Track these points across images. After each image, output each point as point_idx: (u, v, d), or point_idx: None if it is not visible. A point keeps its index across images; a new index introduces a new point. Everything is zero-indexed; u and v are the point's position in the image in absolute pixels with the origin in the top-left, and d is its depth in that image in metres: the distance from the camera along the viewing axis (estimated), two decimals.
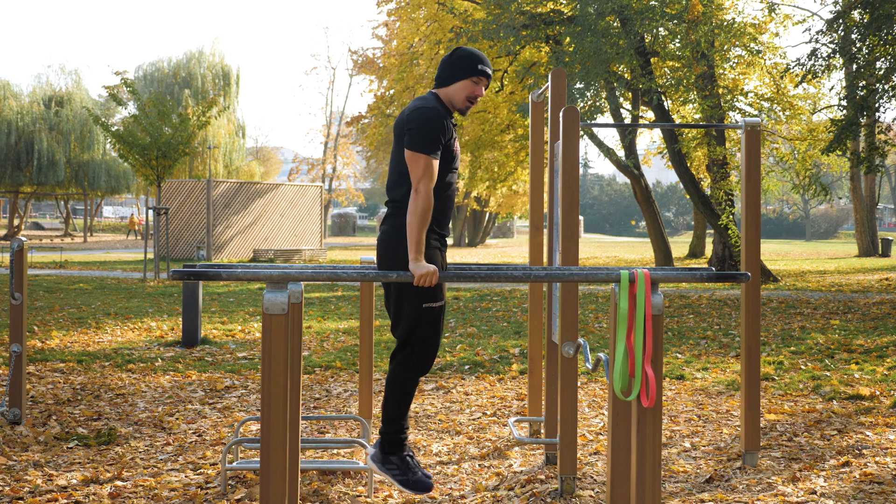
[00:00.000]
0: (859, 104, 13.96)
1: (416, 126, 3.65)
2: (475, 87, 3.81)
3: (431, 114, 3.68)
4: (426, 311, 3.73)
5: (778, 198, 63.17)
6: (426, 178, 3.60)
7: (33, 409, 6.04)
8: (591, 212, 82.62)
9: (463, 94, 3.81)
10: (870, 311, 12.19)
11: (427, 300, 3.73)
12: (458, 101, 3.82)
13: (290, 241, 28.79)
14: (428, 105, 3.72)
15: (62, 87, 42.96)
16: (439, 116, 3.68)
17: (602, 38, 16.08)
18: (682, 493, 4.35)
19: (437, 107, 3.73)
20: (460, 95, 3.81)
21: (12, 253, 5.48)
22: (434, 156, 3.63)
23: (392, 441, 3.82)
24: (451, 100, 3.83)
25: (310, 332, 10.02)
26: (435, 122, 3.66)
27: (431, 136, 3.64)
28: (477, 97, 3.83)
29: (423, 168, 3.60)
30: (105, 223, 60.76)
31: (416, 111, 3.70)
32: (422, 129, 3.64)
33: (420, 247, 3.55)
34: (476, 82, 3.81)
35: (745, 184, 4.90)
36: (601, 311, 12.32)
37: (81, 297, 13.79)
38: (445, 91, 3.82)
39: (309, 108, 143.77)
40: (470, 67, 3.79)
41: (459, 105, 3.82)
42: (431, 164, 3.62)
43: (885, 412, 6.05)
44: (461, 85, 3.80)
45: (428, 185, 3.60)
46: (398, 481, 3.80)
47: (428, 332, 3.76)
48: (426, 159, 3.61)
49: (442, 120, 3.68)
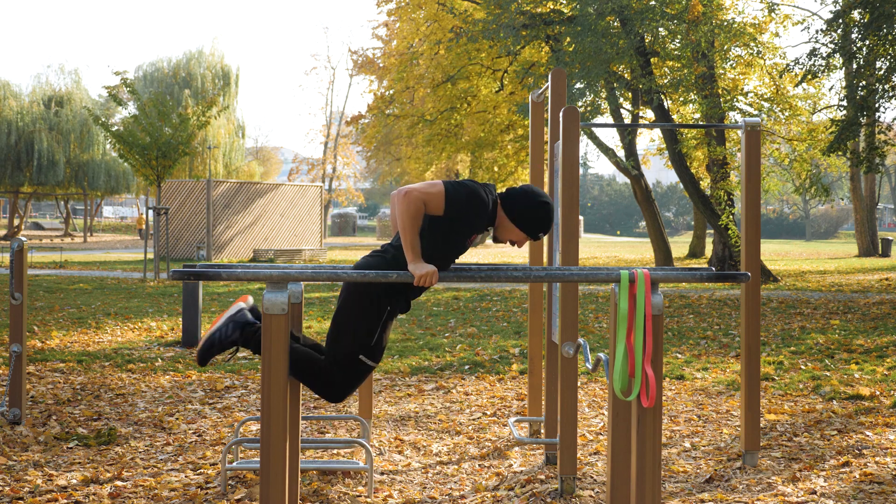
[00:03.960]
0: (859, 104, 13.96)
1: (468, 190, 3.64)
2: (520, 241, 3.83)
3: (485, 203, 3.67)
4: (359, 362, 3.79)
5: (778, 198, 63.18)
6: (424, 196, 3.57)
7: (33, 409, 6.04)
8: (591, 212, 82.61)
9: (512, 237, 3.82)
10: (870, 311, 12.19)
11: (366, 354, 3.78)
12: (502, 234, 3.82)
13: (290, 241, 28.79)
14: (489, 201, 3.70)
15: (62, 87, 42.96)
16: (485, 211, 3.68)
17: (602, 38, 16.08)
18: (682, 493, 4.35)
19: (493, 211, 3.73)
20: (509, 236, 3.82)
21: (12, 253, 5.48)
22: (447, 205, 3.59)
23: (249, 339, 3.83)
24: (499, 226, 3.81)
25: (310, 333, 10.01)
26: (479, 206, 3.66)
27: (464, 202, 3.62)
28: (515, 244, 3.85)
29: (431, 193, 3.57)
30: (105, 223, 60.75)
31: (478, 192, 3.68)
32: (467, 194, 3.63)
33: (416, 247, 3.55)
34: (525, 237, 3.82)
35: (745, 184, 4.90)
36: (601, 311, 12.32)
37: (81, 297, 13.79)
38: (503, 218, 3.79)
39: (309, 108, 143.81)
40: (534, 230, 3.79)
41: (499, 236, 3.83)
42: (437, 200, 3.58)
43: (885, 412, 6.05)
44: (517, 231, 3.80)
45: (419, 196, 3.57)
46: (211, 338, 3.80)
47: (348, 379, 3.81)
48: (442, 193, 3.58)
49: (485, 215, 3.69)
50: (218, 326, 3.83)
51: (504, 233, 3.82)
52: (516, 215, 3.77)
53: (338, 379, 3.81)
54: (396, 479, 4.62)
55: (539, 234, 3.81)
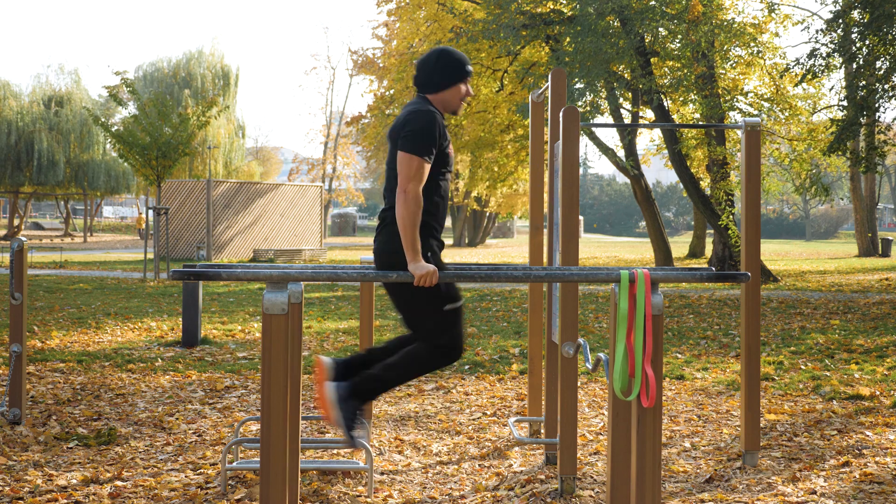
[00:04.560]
0: (859, 104, 13.95)
1: (413, 129, 3.66)
2: (466, 88, 3.87)
3: (428, 117, 3.69)
4: (449, 312, 3.75)
5: (778, 198, 63.16)
6: (416, 180, 3.60)
7: (33, 409, 6.04)
8: (591, 212, 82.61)
9: (458, 97, 3.87)
10: (870, 311, 12.19)
11: (448, 301, 3.74)
12: (454, 104, 3.87)
13: (290, 241, 28.80)
14: (423, 108, 3.73)
15: (62, 87, 42.96)
16: (435, 121, 3.70)
17: (602, 38, 16.08)
18: (682, 493, 4.35)
19: (433, 110, 3.75)
20: (455, 99, 3.86)
21: (12, 253, 5.48)
22: (427, 159, 3.63)
23: (366, 393, 3.79)
24: (445, 104, 3.86)
25: (310, 332, 10.02)
26: (431, 127, 3.67)
27: (427, 140, 3.65)
28: (468, 95, 3.88)
29: (415, 170, 3.60)
30: (105, 223, 60.74)
31: (413, 114, 3.70)
32: (418, 132, 3.65)
33: (416, 247, 3.55)
34: (466, 83, 3.86)
35: (745, 184, 4.90)
36: (601, 311, 12.32)
37: (81, 297, 13.79)
38: (439, 97, 3.84)
39: (309, 108, 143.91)
40: (461, 71, 3.84)
41: (455, 108, 3.87)
42: (423, 168, 3.62)
43: (885, 412, 6.05)
44: (455, 89, 3.85)
45: (417, 187, 3.59)
46: (342, 426, 3.76)
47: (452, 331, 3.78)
48: (419, 161, 3.61)
49: (438, 124, 3.70)
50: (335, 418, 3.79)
51: (451, 104, 3.86)
52: (438, 84, 3.82)
53: (446, 340, 3.79)
54: (396, 479, 4.62)
55: (467, 68, 3.83)
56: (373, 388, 3.80)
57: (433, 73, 3.83)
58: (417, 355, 3.80)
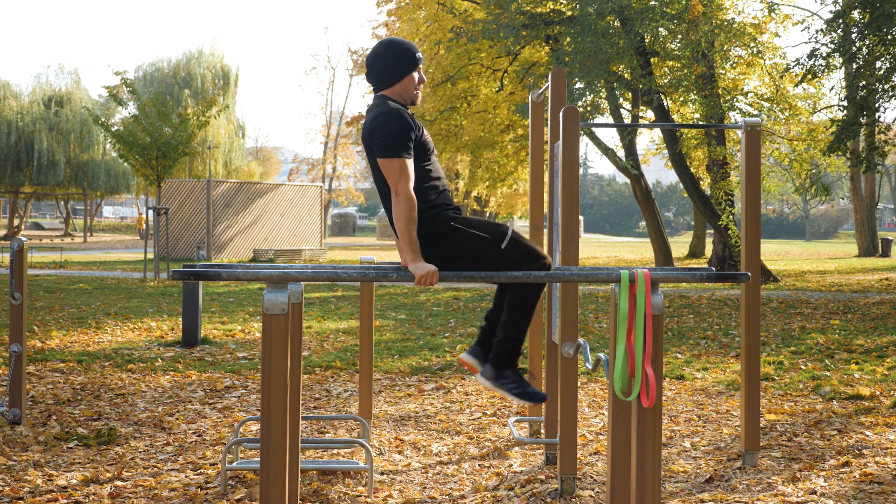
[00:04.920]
0: (859, 104, 13.95)
1: (382, 132, 3.63)
2: (420, 75, 3.82)
3: (394, 116, 3.65)
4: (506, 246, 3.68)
5: (778, 198, 63.16)
6: (403, 179, 3.58)
7: (33, 409, 6.04)
8: (591, 212, 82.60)
9: (412, 85, 3.81)
10: (870, 311, 12.19)
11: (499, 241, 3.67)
12: (410, 94, 3.81)
13: (290, 241, 28.80)
14: (386, 108, 3.70)
15: (62, 87, 42.96)
16: (401, 116, 3.66)
17: (602, 38, 16.08)
18: (682, 493, 4.35)
19: (397, 106, 3.72)
20: (410, 88, 3.81)
21: (12, 253, 5.48)
22: (407, 156, 3.62)
23: (510, 355, 3.77)
24: (403, 95, 3.80)
25: (310, 332, 10.02)
26: (399, 123, 3.64)
27: (400, 139, 3.63)
28: (423, 82, 3.84)
29: (399, 171, 3.59)
30: (105, 223, 60.74)
31: (378, 119, 3.66)
32: (388, 133, 3.62)
33: (414, 247, 3.55)
34: (418, 70, 3.82)
35: (745, 184, 4.90)
36: (601, 311, 12.32)
37: (81, 297, 13.79)
38: (395, 89, 3.79)
39: (309, 108, 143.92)
40: (411, 60, 3.78)
41: (412, 97, 3.82)
42: (406, 166, 3.60)
43: (885, 412, 6.04)
44: (409, 79, 3.80)
45: (406, 185, 3.57)
46: (516, 394, 3.75)
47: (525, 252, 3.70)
48: (399, 162, 3.60)
49: (405, 118, 3.67)
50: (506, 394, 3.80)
51: (408, 95, 3.82)
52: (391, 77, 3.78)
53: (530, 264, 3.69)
54: (396, 479, 4.62)
55: (416, 55, 3.80)
56: (510, 348, 3.77)
57: (384, 68, 3.78)
58: (519, 294, 3.76)
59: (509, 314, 3.78)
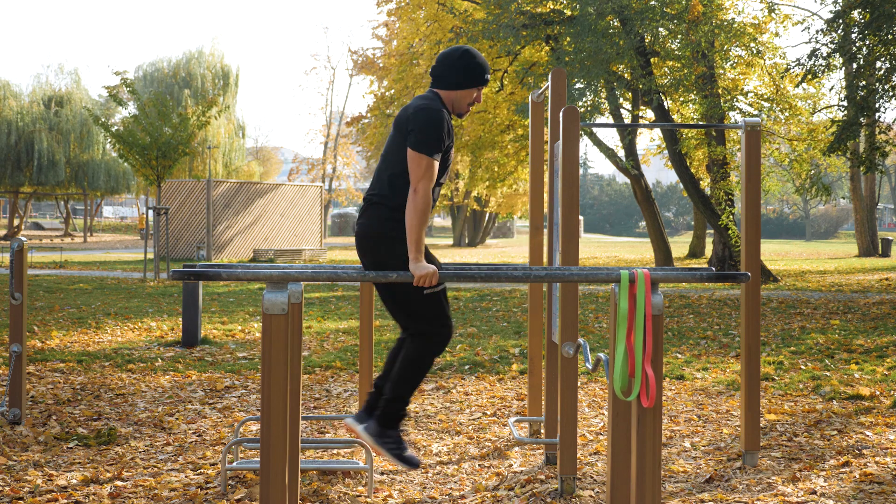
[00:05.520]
0: (859, 104, 13.95)
1: (422, 126, 3.64)
2: (478, 94, 3.84)
3: (437, 116, 3.67)
4: (428, 297, 3.74)
5: (778, 198, 63.13)
6: (426, 178, 3.61)
7: (33, 409, 6.04)
8: (591, 212, 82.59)
9: (467, 100, 3.83)
10: (870, 311, 12.19)
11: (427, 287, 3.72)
12: (462, 106, 3.84)
13: (290, 241, 28.80)
14: (434, 106, 3.70)
15: (62, 87, 42.94)
16: (444, 120, 3.68)
17: (602, 38, 16.08)
18: (682, 493, 4.35)
19: (443, 109, 3.72)
20: (464, 101, 3.83)
21: (12, 253, 5.48)
22: (436, 157, 3.64)
23: (395, 417, 3.83)
24: (453, 103, 3.83)
25: (310, 332, 10.02)
26: (440, 125, 3.66)
27: (436, 139, 3.64)
28: (477, 102, 3.87)
29: (425, 169, 3.61)
30: (105, 223, 60.72)
31: (423, 111, 3.67)
32: (427, 129, 3.63)
33: (420, 246, 3.55)
34: (480, 89, 3.84)
35: (745, 184, 4.90)
36: (601, 311, 12.32)
37: (81, 297, 13.79)
38: (449, 95, 3.81)
39: (309, 108, 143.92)
40: (480, 77, 3.80)
41: (462, 110, 3.85)
42: (433, 166, 3.63)
43: (885, 412, 6.05)
44: (467, 92, 3.81)
45: (427, 185, 3.61)
46: (393, 455, 3.81)
47: (437, 312, 3.77)
48: (428, 161, 3.61)
49: (447, 124, 3.69)
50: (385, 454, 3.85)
51: (459, 106, 3.84)
52: (454, 82, 3.78)
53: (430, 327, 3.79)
54: (396, 479, 4.62)
55: (486, 76, 3.81)
56: (395, 408, 3.83)
57: (452, 69, 3.78)
58: (414, 355, 3.80)
59: (403, 368, 3.80)
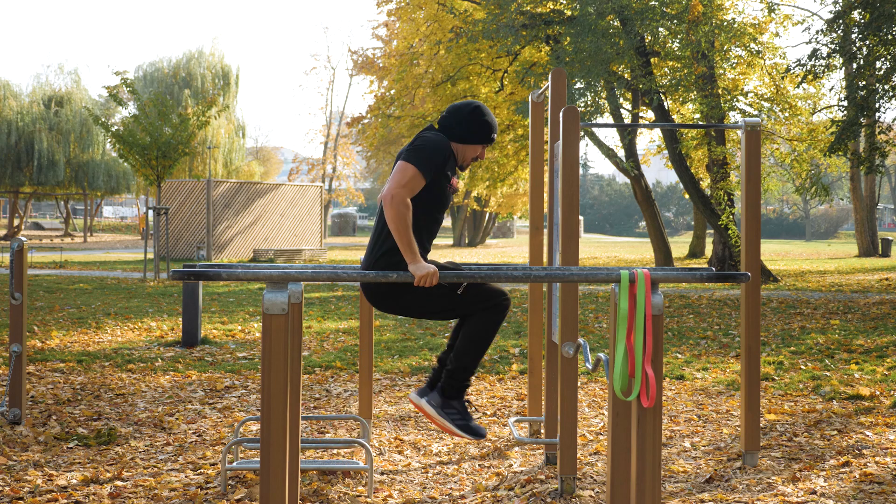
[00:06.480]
0: (859, 104, 13.95)
1: (422, 145, 3.69)
2: (482, 151, 3.91)
3: (442, 143, 3.74)
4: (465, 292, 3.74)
5: (778, 198, 63.15)
6: (406, 188, 3.59)
7: (33, 409, 6.04)
8: (591, 212, 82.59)
9: (471, 155, 3.91)
10: (870, 311, 12.19)
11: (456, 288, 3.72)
12: (465, 159, 3.91)
13: (290, 241, 28.80)
14: (440, 138, 3.76)
15: (62, 87, 42.93)
16: (447, 149, 3.74)
17: (602, 38, 16.09)
18: (682, 493, 4.35)
19: (448, 145, 3.77)
20: (468, 155, 3.90)
21: (12, 253, 5.48)
22: (424, 175, 3.64)
23: (459, 386, 3.84)
24: (457, 154, 3.89)
25: (310, 332, 10.02)
26: (440, 151, 3.71)
27: (430, 157, 3.67)
28: (480, 159, 3.94)
29: (409, 178, 3.61)
30: (105, 223, 60.71)
31: (426, 138, 3.74)
32: (426, 148, 3.68)
33: (413, 247, 3.55)
34: (484, 147, 3.91)
35: (745, 184, 4.90)
36: (601, 311, 12.32)
37: (81, 297, 13.79)
38: (455, 146, 3.87)
39: (309, 108, 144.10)
40: (486, 136, 3.87)
41: (464, 162, 3.91)
42: (417, 179, 3.63)
43: (885, 412, 6.05)
44: (472, 148, 3.89)
45: (404, 195, 3.58)
46: (458, 426, 3.81)
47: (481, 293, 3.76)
48: (415, 171, 3.62)
49: (447, 153, 3.74)
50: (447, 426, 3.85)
51: (464, 158, 3.89)
52: (460, 135, 3.84)
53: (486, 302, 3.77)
54: (396, 479, 4.62)
55: (492, 136, 3.87)
56: (459, 378, 3.83)
57: (461, 124, 3.84)
58: (476, 328, 3.80)
59: (466, 341, 3.81)
